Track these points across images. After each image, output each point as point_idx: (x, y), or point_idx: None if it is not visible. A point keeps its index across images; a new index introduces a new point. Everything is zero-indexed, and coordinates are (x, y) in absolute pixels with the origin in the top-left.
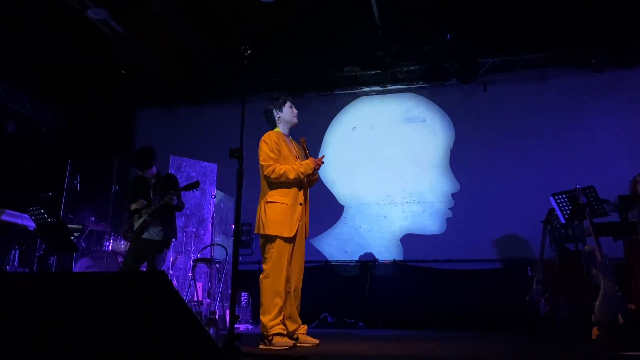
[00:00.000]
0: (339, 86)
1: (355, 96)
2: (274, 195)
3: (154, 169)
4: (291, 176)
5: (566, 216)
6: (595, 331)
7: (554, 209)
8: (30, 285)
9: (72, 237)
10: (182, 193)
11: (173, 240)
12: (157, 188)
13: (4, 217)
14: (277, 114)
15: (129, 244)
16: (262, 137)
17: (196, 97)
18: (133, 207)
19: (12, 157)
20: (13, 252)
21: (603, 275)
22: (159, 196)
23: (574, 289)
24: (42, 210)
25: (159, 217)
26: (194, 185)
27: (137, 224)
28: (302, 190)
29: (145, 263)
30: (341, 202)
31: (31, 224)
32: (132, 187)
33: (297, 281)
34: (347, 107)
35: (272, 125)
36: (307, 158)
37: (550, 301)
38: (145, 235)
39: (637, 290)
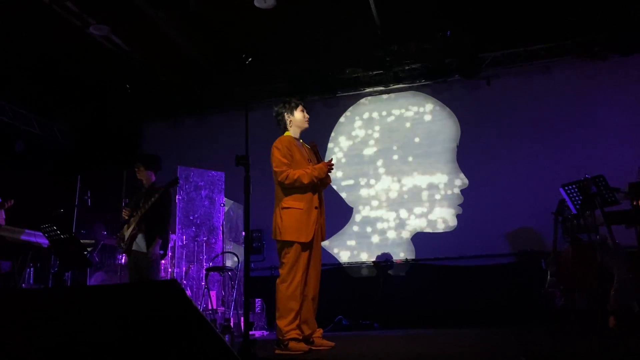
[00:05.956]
0: (341, 88)
1: (359, 97)
2: (289, 200)
3: (152, 176)
4: (305, 181)
5: (577, 206)
6: (611, 320)
7: (564, 199)
8: (46, 301)
9: (85, 252)
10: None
11: (161, 252)
12: (146, 196)
13: (22, 236)
14: (288, 118)
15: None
16: (274, 143)
17: (200, 107)
18: (124, 214)
19: (22, 176)
20: (28, 270)
21: (617, 264)
22: (145, 203)
23: (588, 279)
24: (55, 227)
25: (145, 227)
26: (174, 183)
27: (127, 234)
28: (317, 193)
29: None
30: (350, 204)
31: (44, 241)
32: (134, 194)
33: (315, 287)
34: (350, 108)
35: (283, 128)
36: (319, 162)
37: (566, 293)
38: (135, 247)
39: None
